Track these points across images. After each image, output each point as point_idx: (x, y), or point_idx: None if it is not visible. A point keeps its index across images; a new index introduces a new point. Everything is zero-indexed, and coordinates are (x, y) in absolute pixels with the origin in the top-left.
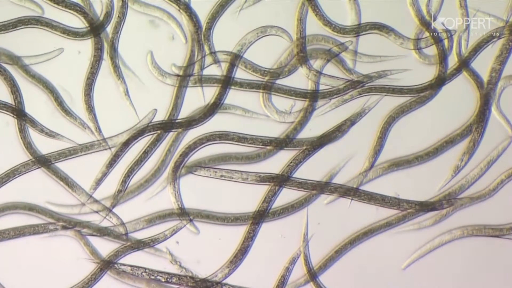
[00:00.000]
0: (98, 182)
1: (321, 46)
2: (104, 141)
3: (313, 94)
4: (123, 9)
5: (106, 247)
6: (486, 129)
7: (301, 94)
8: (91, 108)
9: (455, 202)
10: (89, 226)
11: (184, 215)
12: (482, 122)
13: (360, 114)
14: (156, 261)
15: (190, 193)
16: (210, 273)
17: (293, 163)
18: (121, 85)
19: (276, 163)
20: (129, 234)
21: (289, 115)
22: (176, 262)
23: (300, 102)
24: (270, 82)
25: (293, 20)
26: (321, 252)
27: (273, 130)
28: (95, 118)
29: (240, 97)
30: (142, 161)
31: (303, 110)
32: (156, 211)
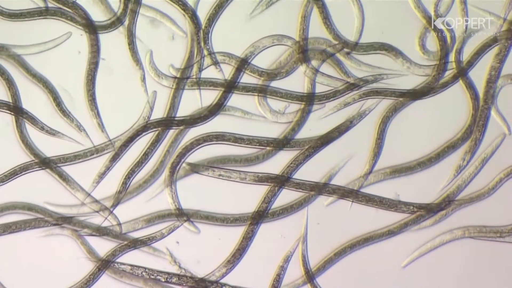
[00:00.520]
0: (101, 176)
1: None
2: (111, 144)
3: (309, 97)
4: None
5: (104, 246)
6: (487, 128)
7: (297, 98)
8: (94, 105)
9: (455, 203)
10: (86, 225)
11: (182, 215)
12: (482, 121)
13: (361, 115)
14: (156, 261)
15: (190, 194)
16: (209, 273)
17: (294, 164)
18: (139, 71)
19: (275, 165)
20: (128, 234)
21: (282, 116)
22: (176, 263)
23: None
24: (265, 86)
25: (299, 29)
26: (321, 253)
27: (271, 132)
28: (98, 114)
29: (235, 97)
30: (143, 163)
31: (300, 111)
32: (155, 211)
